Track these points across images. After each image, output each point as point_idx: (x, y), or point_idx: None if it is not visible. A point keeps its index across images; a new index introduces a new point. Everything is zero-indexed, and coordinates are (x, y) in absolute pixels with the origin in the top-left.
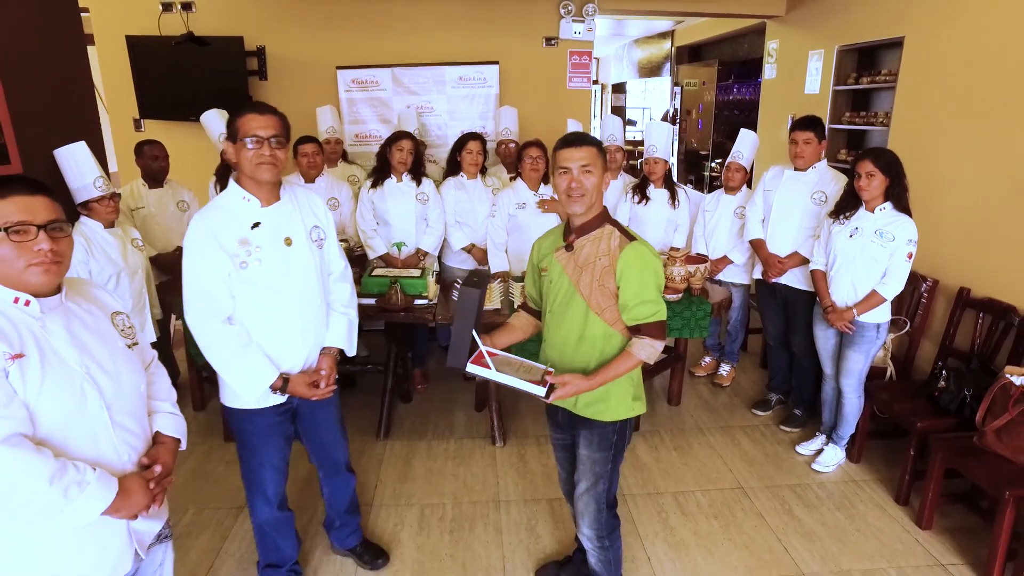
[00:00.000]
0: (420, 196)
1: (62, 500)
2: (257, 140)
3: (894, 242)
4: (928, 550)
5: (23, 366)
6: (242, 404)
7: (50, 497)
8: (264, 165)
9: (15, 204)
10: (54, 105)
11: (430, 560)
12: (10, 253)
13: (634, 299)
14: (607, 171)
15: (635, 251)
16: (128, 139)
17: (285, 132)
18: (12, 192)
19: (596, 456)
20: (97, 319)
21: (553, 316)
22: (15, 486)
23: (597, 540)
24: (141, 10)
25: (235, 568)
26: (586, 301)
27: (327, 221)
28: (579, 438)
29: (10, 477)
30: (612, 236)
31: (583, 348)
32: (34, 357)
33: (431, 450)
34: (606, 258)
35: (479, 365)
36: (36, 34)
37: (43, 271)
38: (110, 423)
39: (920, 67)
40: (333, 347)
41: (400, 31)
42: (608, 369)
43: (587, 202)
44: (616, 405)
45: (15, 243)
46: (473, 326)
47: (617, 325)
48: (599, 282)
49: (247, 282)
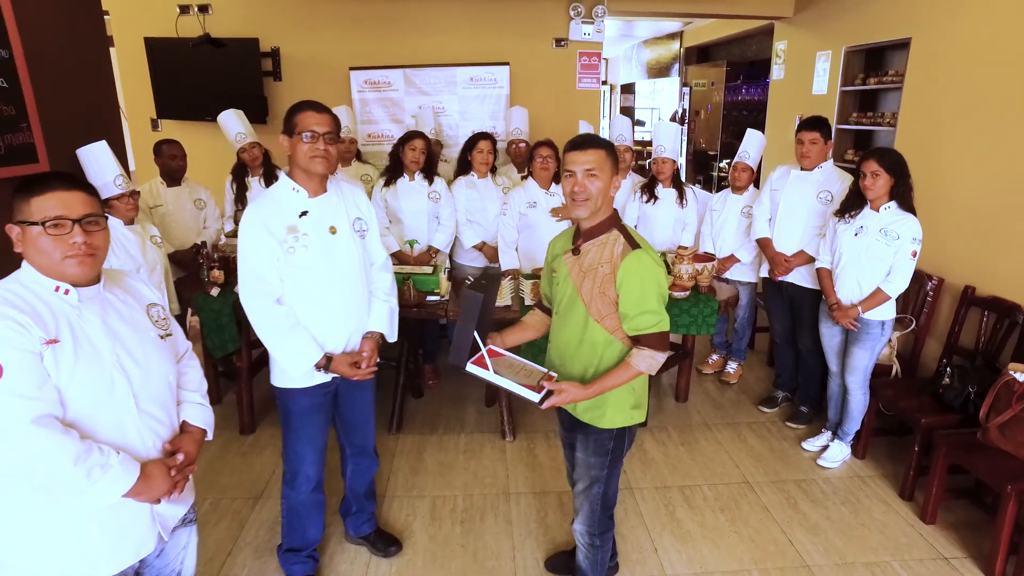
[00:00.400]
0: (432, 195)
1: (85, 481)
2: (313, 135)
3: (899, 240)
4: (932, 544)
5: (57, 351)
6: (290, 383)
7: (74, 477)
8: (317, 158)
9: (54, 199)
10: (78, 106)
11: (442, 549)
12: (48, 245)
13: (634, 309)
14: (617, 174)
15: (637, 259)
16: (145, 138)
17: (338, 130)
18: (51, 188)
19: (592, 460)
20: (132, 309)
21: (558, 318)
22: (42, 464)
23: (588, 537)
24: (159, 12)
25: (252, 556)
26: (586, 307)
27: (369, 214)
28: (577, 441)
29: (38, 455)
30: (616, 243)
31: (582, 353)
32: (68, 343)
33: (442, 444)
34: (608, 265)
35: (479, 366)
36: (62, 37)
37: (77, 263)
38: (136, 410)
39: (927, 68)
40: (375, 332)
41: (412, 32)
42: (606, 378)
43: (591, 207)
44: (613, 413)
45: (52, 236)
46: (475, 328)
47: (617, 333)
48: (600, 289)
49: (294, 266)
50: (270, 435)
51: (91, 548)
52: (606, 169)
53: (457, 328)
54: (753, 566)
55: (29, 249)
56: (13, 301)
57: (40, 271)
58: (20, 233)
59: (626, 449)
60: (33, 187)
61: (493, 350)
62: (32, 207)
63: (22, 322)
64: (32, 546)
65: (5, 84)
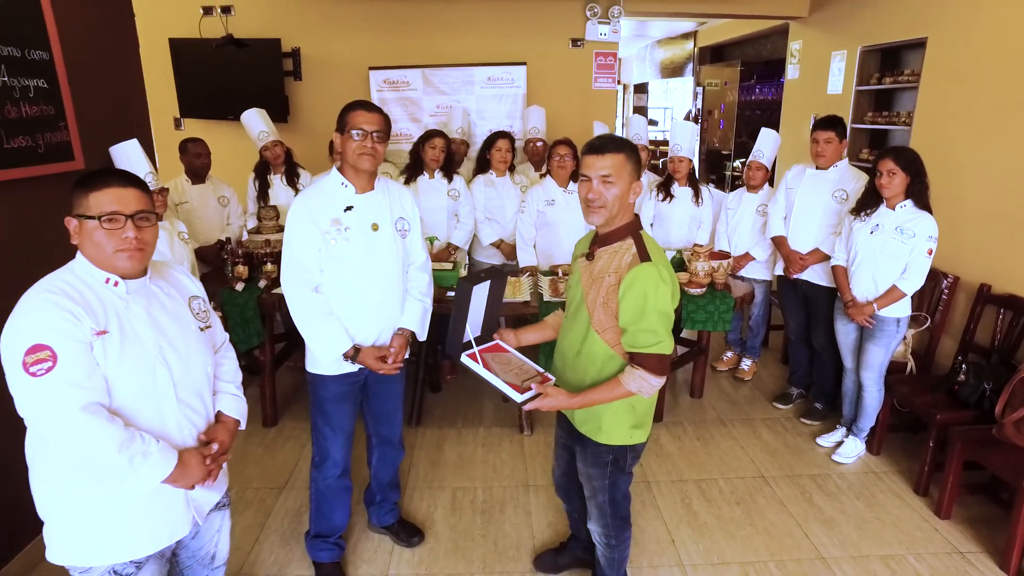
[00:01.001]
0: (451, 192)
1: (128, 467)
2: (362, 133)
3: (914, 238)
4: (947, 538)
5: (105, 342)
6: (321, 370)
7: (118, 463)
8: (365, 156)
9: (110, 195)
10: (109, 105)
11: (463, 539)
12: (103, 239)
13: (633, 323)
14: (638, 179)
15: (644, 273)
16: (168, 137)
17: (387, 129)
18: (108, 184)
19: (591, 472)
20: (175, 302)
21: (565, 323)
22: (89, 450)
23: (603, 538)
24: (183, 14)
25: (278, 543)
26: (589, 316)
27: (413, 215)
28: (575, 449)
29: (86, 442)
30: (627, 252)
31: (579, 363)
32: (115, 334)
33: (461, 437)
34: (614, 275)
35: (472, 359)
36: (96, 39)
37: (128, 257)
38: (176, 400)
39: (943, 67)
40: (407, 329)
41: (431, 33)
42: (592, 392)
43: (605, 215)
44: (609, 428)
45: (107, 230)
46: (466, 320)
47: (618, 348)
48: (603, 300)
49: (334, 257)
50: (292, 427)
51: (132, 529)
52: (624, 175)
53: (451, 318)
54: (769, 557)
55: (85, 241)
56: (68, 292)
57: (92, 263)
58: (77, 226)
59: (629, 465)
60: (91, 183)
61: (499, 345)
62: (90, 201)
63: (75, 313)
64: (79, 526)
65: (45, 85)
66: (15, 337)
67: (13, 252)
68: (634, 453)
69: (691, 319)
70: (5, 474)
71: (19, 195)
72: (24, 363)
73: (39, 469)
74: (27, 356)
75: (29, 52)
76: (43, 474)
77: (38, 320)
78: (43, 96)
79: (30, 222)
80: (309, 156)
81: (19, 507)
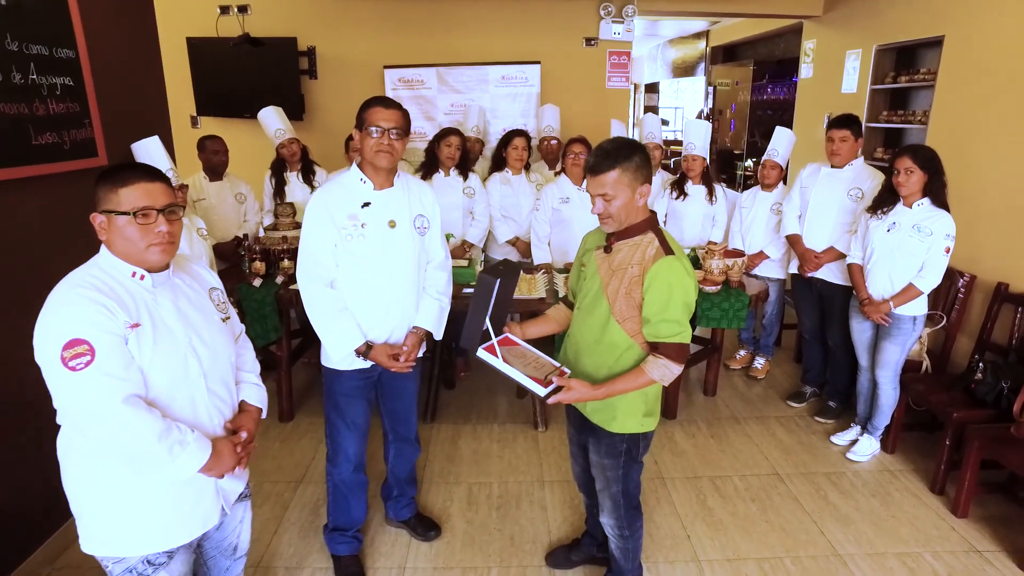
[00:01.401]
0: (467, 190)
1: (167, 456)
2: (380, 131)
3: (932, 236)
4: (964, 536)
5: (139, 334)
6: (335, 365)
7: (157, 453)
8: (382, 153)
9: (140, 190)
10: (131, 103)
11: (480, 533)
12: (135, 234)
13: (657, 315)
14: (646, 182)
15: (668, 265)
16: (184, 135)
17: (405, 126)
18: (138, 179)
19: (605, 462)
20: (198, 294)
21: (580, 313)
22: (130, 440)
23: (616, 530)
24: (200, 13)
25: (296, 535)
26: (610, 306)
27: (433, 212)
28: (588, 442)
29: (127, 432)
30: (650, 245)
31: (598, 352)
32: (147, 326)
33: (476, 433)
34: (638, 267)
35: (490, 353)
36: (119, 38)
37: (161, 250)
38: (206, 390)
39: (960, 66)
40: (422, 328)
41: (445, 32)
42: (616, 382)
43: (616, 224)
44: (623, 417)
45: (140, 225)
46: (487, 314)
47: (638, 338)
48: (626, 290)
49: (350, 253)
50: (308, 423)
51: (166, 519)
52: (623, 187)
53: (469, 312)
54: (785, 554)
55: (115, 237)
56: (98, 286)
57: (121, 257)
58: (105, 222)
59: (641, 453)
60: (119, 178)
61: (509, 338)
62: (120, 197)
63: (109, 307)
64: (114, 517)
65: (71, 82)
66: (51, 333)
67: (42, 247)
68: (645, 441)
69: (705, 317)
70: (30, 465)
71: (46, 191)
72: (63, 358)
73: (73, 463)
74: (65, 351)
75: (56, 50)
76: (78, 466)
77: (73, 315)
78: (69, 94)
79: (57, 218)
80: (324, 154)
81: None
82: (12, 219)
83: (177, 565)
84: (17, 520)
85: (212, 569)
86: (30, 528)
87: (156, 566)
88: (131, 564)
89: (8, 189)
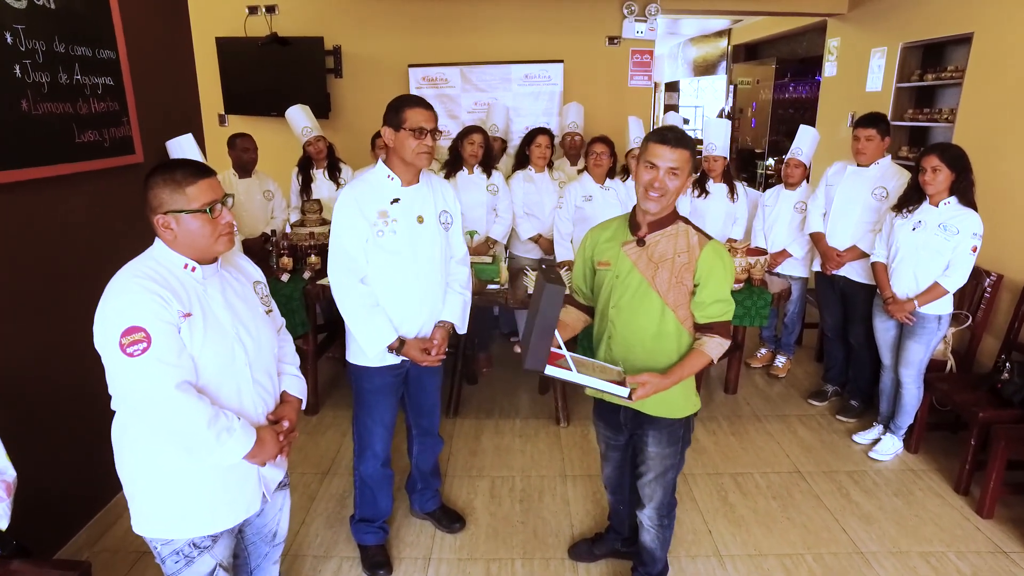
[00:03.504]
0: (490, 187)
1: (215, 442)
2: (422, 132)
3: (958, 235)
4: (989, 537)
5: (191, 324)
6: (365, 361)
7: (206, 438)
8: (424, 154)
9: (205, 186)
10: (165, 101)
11: (503, 526)
12: (207, 229)
13: (711, 297)
14: (691, 175)
15: (716, 251)
16: (213, 133)
17: (438, 125)
18: (200, 176)
19: (666, 451)
20: (243, 286)
21: (620, 312)
22: (182, 425)
23: (658, 519)
24: (229, 13)
25: (324, 525)
26: (663, 298)
27: (455, 209)
28: (647, 436)
29: (179, 417)
30: (690, 234)
31: (661, 345)
32: (198, 316)
33: (498, 428)
34: (685, 255)
35: (556, 367)
36: (155, 39)
37: (228, 240)
38: (251, 380)
39: (990, 63)
40: (448, 321)
41: (469, 31)
42: (683, 367)
43: (664, 203)
44: (683, 402)
45: (212, 220)
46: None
47: (687, 323)
48: (677, 279)
49: (381, 249)
50: (333, 416)
51: (213, 504)
52: (687, 170)
53: (535, 328)
54: (806, 551)
55: (183, 234)
56: (154, 277)
57: (183, 252)
58: (170, 221)
59: (691, 434)
60: (182, 178)
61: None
62: (188, 196)
63: (164, 296)
64: (165, 500)
65: (111, 82)
66: (111, 320)
67: (88, 240)
68: (692, 421)
69: None
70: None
71: (89, 187)
72: (121, 344)
73: (127, 447)
74: (123, 337)
75: (99, 51)
76: (132, 451)
77: (131, 303)
78: (109, 93)
79: (101, 212)
80: (351, 151)
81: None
82: (61, 214)
83: (220, 549)
84: (61, 503)
85: (252, 554)
86: (74, 512)
87: (201, 549)
88: (178, 546)
89: (56, 186)
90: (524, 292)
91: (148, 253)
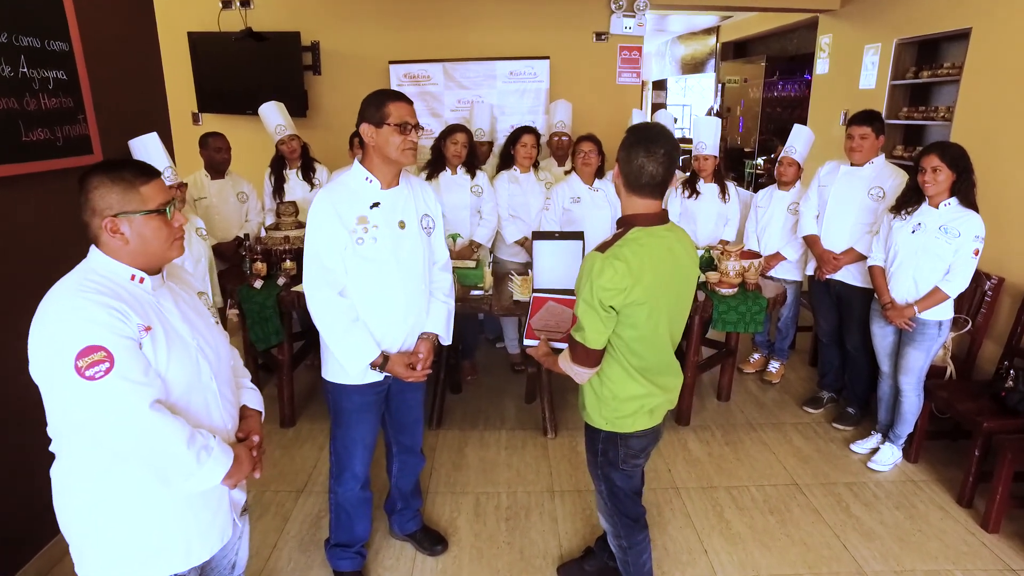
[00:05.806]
0: (474, 188)
1: (195, 464)
2: (406, 127)
3: (959, 238)
4: (996, 553)
5: (153, 338)
6: (344, 379)
7: (186, 459)
8: (409, 151)
9: (157, 186)
10: (128, 98)
11: (488, 547)
12: (163, 232)
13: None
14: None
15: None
16: (185, 132)
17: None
18: (151, 175)
19: (588, 456)
20: (192, 297)
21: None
22: (160, 447)
23: (615, 538)
24: (201, 7)
25: (297, 549)
26: None
27: (436, 212)
28: None
29: (156, 439)
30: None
31: None
32: (159, 330)
33: (483, 440)
34: None
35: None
36: (115, 31)
37: (180, 245)
38: (218, 394)
39: (989, 60)
40: (432, 333)
41: (452, 26)
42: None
43: None
44: (591, 412)
45: (167, 222)
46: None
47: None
48: None
49: (361, 257)
50: (310, 429)
51: (187, 536)
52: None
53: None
54: (807, 570)
55: (135, 238)
56: (102, 290)
57: (127, 261)
58: (120, 224)
59: (620, 459)
60: (134, 176)
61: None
62: (144, 196)
63: (120, 309)
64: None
65: (64, 76)
66: (59, 342)
67: (37, 247)
68: (626, 449)
69: (722, 320)
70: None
71: (38, 189)
72: (77, 367)
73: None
74: (79, 360)
75: (49, 43)
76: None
77: (84, 320)
78: (62, 88)
79: (52, 217)
80: (329, 151)
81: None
82: (4, 219)
83: None
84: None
85: None
86: (16, 545)
87: None
88: None
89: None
90: (509, 298)
91: (85, 266)
